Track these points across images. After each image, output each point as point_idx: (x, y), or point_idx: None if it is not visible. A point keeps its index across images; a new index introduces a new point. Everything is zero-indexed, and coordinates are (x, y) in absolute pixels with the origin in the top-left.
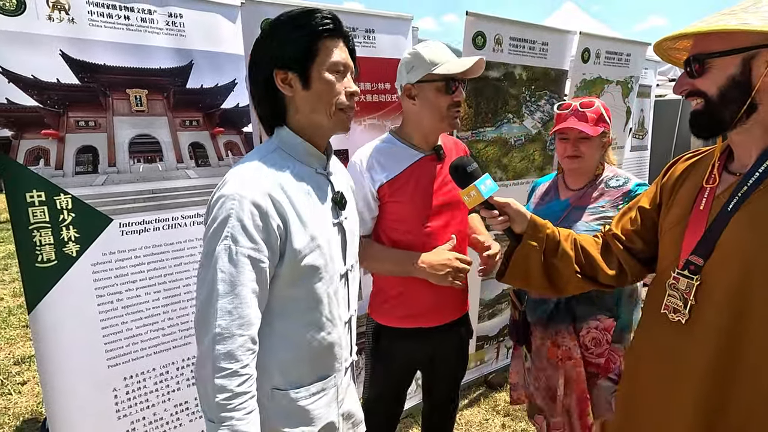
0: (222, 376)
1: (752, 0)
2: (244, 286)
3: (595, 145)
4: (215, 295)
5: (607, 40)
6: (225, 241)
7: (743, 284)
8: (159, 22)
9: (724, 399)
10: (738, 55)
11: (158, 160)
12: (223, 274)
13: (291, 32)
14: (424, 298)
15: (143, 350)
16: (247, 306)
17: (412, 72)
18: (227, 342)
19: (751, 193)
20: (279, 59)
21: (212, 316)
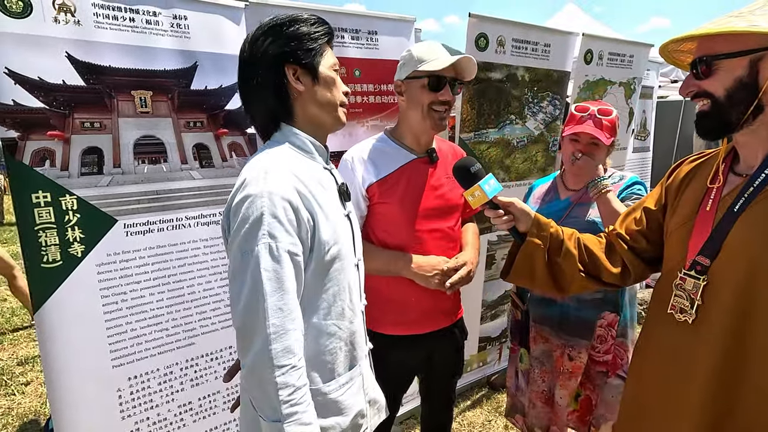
0: (283, 373)
1: (760, 3)
2: (289, 281)
3: (603, 153)
4: (262, 295)
5: (610, 42)
6: (264, 239)
7: (750, 284)
8: (164, 23)
9: (731, 400)
10: (746, 56)
11: (162, 161)
12: (267, 273)
13: (298, 29)
14: (417, 304)
15: (147, 350)
16: (294, 301)
17: (402, 69)
18: (283, 339)
19: (758, 193)
20: (291, 54)
21: (262, 316)
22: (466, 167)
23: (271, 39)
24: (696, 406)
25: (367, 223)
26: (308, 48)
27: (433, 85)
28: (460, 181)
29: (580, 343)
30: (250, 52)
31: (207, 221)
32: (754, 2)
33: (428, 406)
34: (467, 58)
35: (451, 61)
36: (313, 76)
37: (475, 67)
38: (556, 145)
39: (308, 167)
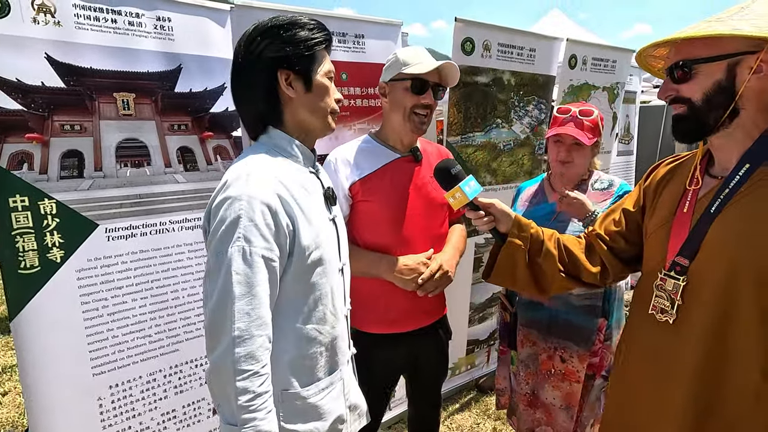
0: (244, 378)
1: (736, 8)
2: (260, 287)
3: (587, 153)
4: (231, 297)
5: (594, 47)
6: (238, 242)
7: (729, 284)
8: (147, 25)
9: (713, 399)
10: (724, 60)
11: (146, 165)
12: (238, 276)
13: (295, 35)
14: (400, 302)
15: (129, 358)
16: (264, 306)
17: (387, 71)
18: (247, 343)
19: (733, 195)
20: (285, 59)
21: (229, 319)
22: (446, 169)
23: (267, 41)
24: (678, 405)
25: (351, 223)
26: (304, 54)
27: (415, 88)
28: (441, 183)
29: (570, 346)
30: (244, 52)
31: (191, 225)
32: (730, 8)
33: (415, 407)
34: (450, 64)
35: (435, 66)
36: (306, 83)
37: (458, 73)
38: (542, 148)
39: (293, 171)
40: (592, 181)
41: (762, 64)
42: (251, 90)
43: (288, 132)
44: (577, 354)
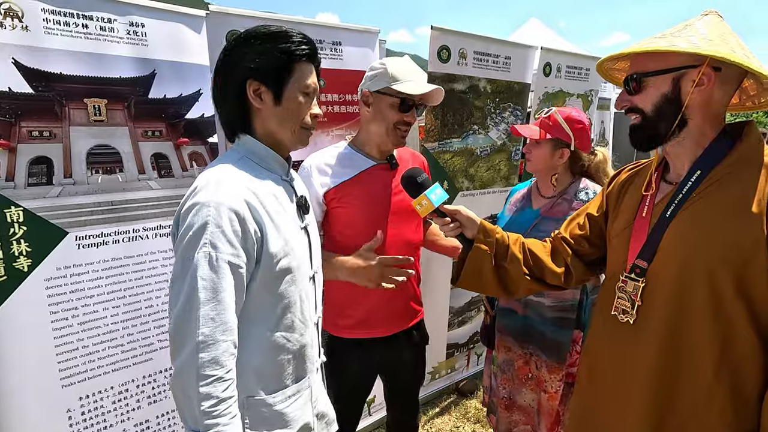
0: (207, 384)
1: (681, 26)
2: (226, 292)
3: (545, 152)
4: (196, 303)
5: (567, 55)
6: (204, 248)
7: (682, 285)
8: (119, 31)
9: (671, 396)
10: (669, 74)
11: (118, 171)
12: (204, 282)
13: (271, 48)
14: (376, 306)
15: (101, 368)
16: (229, 312)
17: (374, 81)
18: (211, 349)
19: (686, 200)
20: (255, 71)
21: (194, 324)
22: (413, 177)
23: (243, 50)
24: (639, 404)
25: (328, 230)
26: (275, 67)
27: (402, 107)
28: (408, 191)
29: (542, 356)
30: (222, 57)
31: (166, 232)
32: (678, 24)
33: (393, 412)
34: (439, 90)
35: (427, 90)
36: (275, 96)
37: (443, 96)
38: (519, 153)
39: (264, 179)
40: (577, 189)
41: (703, 78)
42: (223, 95)
43: (259, 139)
44: (546, 365)
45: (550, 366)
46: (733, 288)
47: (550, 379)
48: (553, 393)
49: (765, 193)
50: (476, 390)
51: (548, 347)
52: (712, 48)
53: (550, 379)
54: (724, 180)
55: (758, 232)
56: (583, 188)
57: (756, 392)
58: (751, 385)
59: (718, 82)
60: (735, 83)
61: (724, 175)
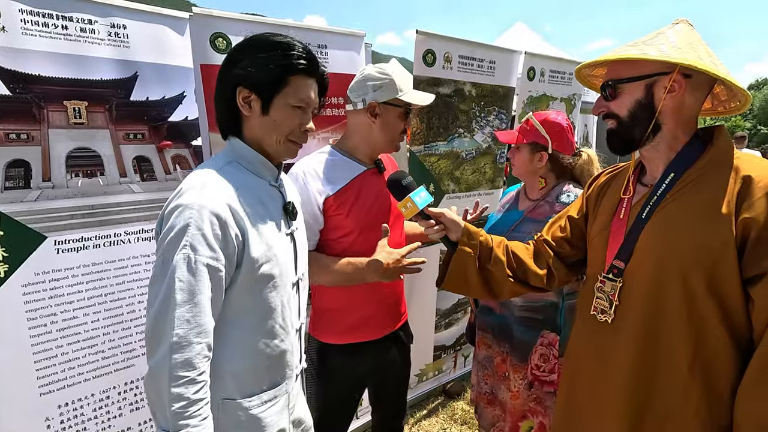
0: (179, 385)
1: (653, 35)
2: (203, 295)
3: (525, 156)
4: (172, 304)
5: (551, 60)
6: (184, 250)
7: (657, 285)
8: (100, 32)
9: (648, 395)
10: (642, 81)
11: (99, 175)
12: (181, 283)
13: (267, 58)
14: (364, 311)
15: (80, 375)
16: (205, 314)
17: (380, 91)
18: (185, 350)
19: (660, 202)
20: (246, 78)
21: (169, 325)
22: (398, 180)
23: (239, 56)
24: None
25: (324, 236)
26: (267, 77)
27: (407, 115)
28: (393, 194)
29: (516, 356)
30: (224, 61)
31: (149, 236)
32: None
33: (380, 415)
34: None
35: (430, 101)
36: (263, 106)
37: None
38: (504, 156)
39: (250, 183)
40: (558, 193)
41: (674, 84)
42: (218, 97)
43: (249, 144)
44: (512, 364)
45: (515, 365)
46: (705, 287)
47: (513, 378)
48: (515, 392)
49: (734, 195)
50: (463, 391)
51: (516, 346)
52: (680, 56)
53: (513, 378)
54: (697, 182)
55: (727, 233)
56: (566, 191)
57: (729, 388)
58: (723, 382)
59: (689, 88)
60: (706, 89)
61: (696, 177)
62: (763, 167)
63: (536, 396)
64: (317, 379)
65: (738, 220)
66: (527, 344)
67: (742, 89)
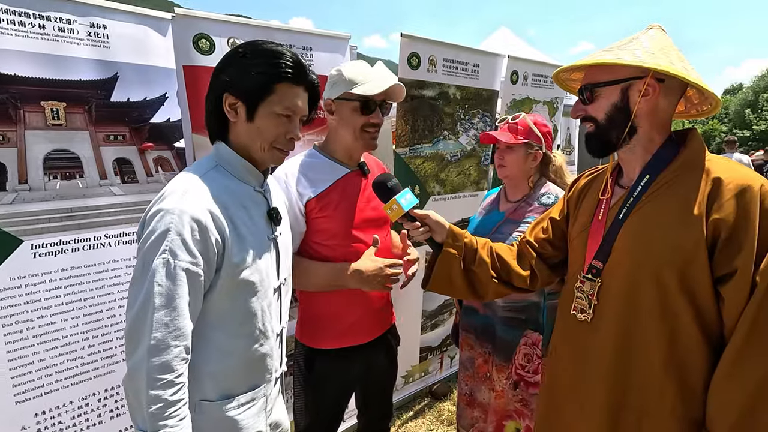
0: (157, 387)
1: (627, 40)
2: (181, 299)
3: (519, 156)
4: (151, 307)
5: (533, 64)
6: (164, 254)
7: (633, 284)
8: (79, 32)
9: (625, 392)
10: (618, 85)
11: (78, 177)
12: (160, 288)
13: (254, 65)
14: (354, 314)
15: (59, 382)
16: (183, 318)
17: (334, 88)
18: (163, 353)
19: (636, 203)
20: (232, 85)
21: (147, 328)
22: (383, 182)
23: (228, 62)
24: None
25: (305, 239)
26: (253, 84)
27: (364, 109)
28: (379, 196)
29: (499, 356)
30: (216, 66)
31: (130, 239)
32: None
33: (366, 418)
34: (398, 86)
35: (383, 88)
36: (248, 112)
37: (404, 91)
38: (488, 159)
39: (234, 189)
40: (539, 194)
41: (648, 88)
42: (207, 102)
43: (235, 149)
44: (496, 365)
45: (499, 366)
46: (678, 286)
47: (497, 378)
48: (500, 391)
49: (704, 197)
50: (449, 392)
51: (498, 347)
52: (653, 61)
53: (497, 378)
54: (671, 184)
55: (699, 233)
56: (545, 192)
57: (702, 383)
58: (696, 377)
59: (662, 92)
60: (678, 93)
61: (670, 179)
62: (732, 169)
63: (522, 397)
64: (305, 385)
65: (709, 221)
66: (510, 344)
67: (712, 93)
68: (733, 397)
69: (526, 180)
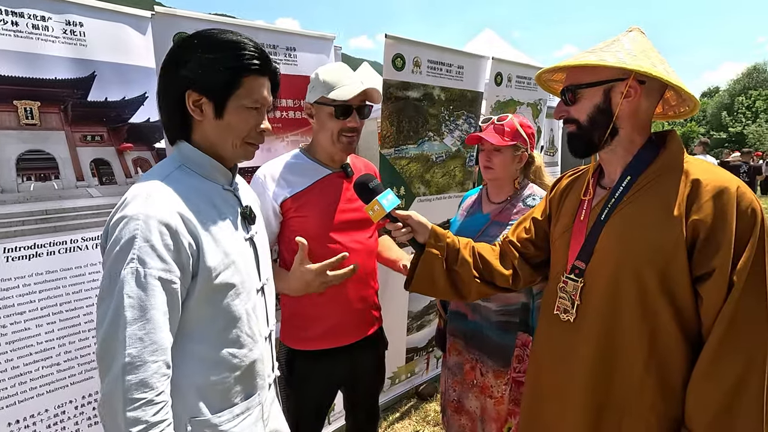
0: (135, 408)
1: (609, 42)
2: (156, 310)
3: (507, 158)
4: (122, 322)
5: (517, 66)
6: (131, 264)
7: (614, 284)
8: (54, 29)
9: (607, 391)
10: (600, 86)
11: (54, 178)
12: (131, 300)
13: (217, 59)
14: (335, 316)
15: (33, 390)
16: (160, 330)
17: (312, 92)
18: (139, 370)
19: (618, 204)
20: (196, 82)
21: (120, 345)
22: (364, 183)
23: (185, 57)
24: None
25: (283, 240)
26: (218, 79)
27: (340, 114)
28: (360, 197)
29: (486, 361)
30: (166, 61)
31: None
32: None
33: (353, 420)
34: (372, 89)
35: (355, 93)
36: (216, 109)
37: (380, 94)
38: (473, 160)
39: (202, 188)
40: (524, 195)
41: (630, 90)
42: (162, 101)
43: (200, 148)
44: (492, 370)
45: (496, 371)
46: (658, 285)
47: (496, 384)
48: (499, 397)
49: (684, 198)
50: (436, 393)
51: (494, 352)
52: (635, 63)
53: (496, 384)
54: (651, 185)
55: (678, 234)
56: (530, 194)
57: (681, 381)
58: (676, 376)
59: (643, 93)
60: (658, 95)
61: (651, 180)
62: (709, 171)
63: (514, 397)
64: (287, 386)
65: (688, 221)
66: (506, 348)
67: (691, 95)
68: (710, 395)
69: (512, 181)
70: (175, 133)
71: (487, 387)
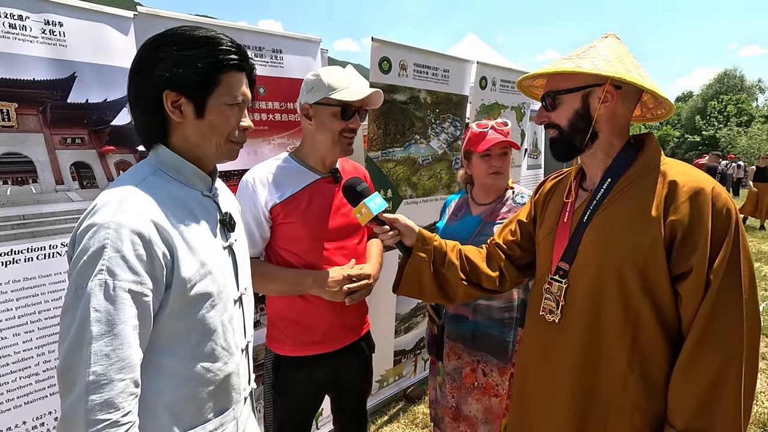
0: (98, 430)
1: (586, 48)
2: (124, 324)
3: (509, 161)
4: (87, 337)
5: (501, 70)
6: (99, 275)
7: (597, 284)
8: (33, 29)
9: (593, 390)
10: (578, 92)
11: (32, 182)
12: (97, 313)
13: (194, 56)
14: (323, 321)
15: (10, 401)
16: (128, 346)
17: (311, 93)
18: (104, 390)
19: (599, 205)
20: (173, 81)
21: (83, 362)
22: (352, 186)
23: (160, 56)
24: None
25: (272, 245)
26: (198, 78)
27: (344, 115)
28: (348, 200)
29: (490, 359)
30: (135, 60)
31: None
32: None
33: (341, 425)
34: (378, 93)
35: (364, 94)
36: (197, 109)
37: (382, 99)
38: (459, 163)
39: (179, 195)
40: (512, 194)
41: (607, 95)
42: (136, 104)
43: (178, 152)
44: (497, 367)
45: (501, 368)
46: (638, 284)
47: (501, 382)
48: (504, 395)
49: (662, 199)
50: (424, 395)
51: (496, 349)
52: (611, 68)
53: (501, 382)
54: (631, 186)
55: (657, 234)
56: (518, 193)
57: (663, 378)
58: (658, 372)
59: (620, 98)
60: (635, 99)
61: (630, 182)
62: (686, 172)
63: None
64: (273, 392)
65: (666, 222)
66: (509, 343)
67: (665, 98)
68: (690, 391)
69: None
70: (151, 137)
71: (491, 386)
